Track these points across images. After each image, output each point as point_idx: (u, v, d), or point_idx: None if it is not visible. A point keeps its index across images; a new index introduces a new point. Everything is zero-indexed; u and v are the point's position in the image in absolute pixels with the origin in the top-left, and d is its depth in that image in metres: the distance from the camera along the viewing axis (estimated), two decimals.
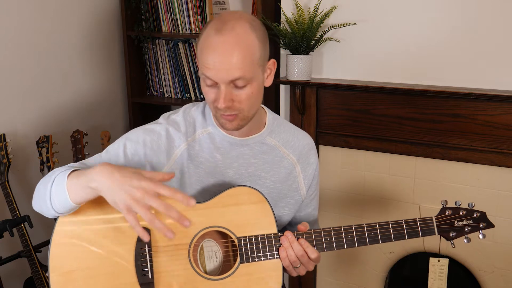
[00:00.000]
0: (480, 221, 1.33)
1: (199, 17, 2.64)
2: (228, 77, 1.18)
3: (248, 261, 1.26)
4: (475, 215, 1.33)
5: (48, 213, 1.23)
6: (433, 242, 2.21)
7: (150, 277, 1.22)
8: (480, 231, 1.33)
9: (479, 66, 2.01)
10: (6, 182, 2.08)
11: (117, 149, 1.31)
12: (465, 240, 1.33)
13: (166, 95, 2.88)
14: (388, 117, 2.16)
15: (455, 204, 1.35)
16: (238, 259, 1.26)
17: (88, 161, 1.33)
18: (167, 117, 1.36)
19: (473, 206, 1.34)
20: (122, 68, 2.89)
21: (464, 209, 1.33)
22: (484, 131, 2.00)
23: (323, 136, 2.32)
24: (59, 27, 2.50)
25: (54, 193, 1.17)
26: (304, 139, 1.45)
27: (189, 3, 2.65)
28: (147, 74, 2.92)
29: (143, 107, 2.93)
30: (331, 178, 2.37)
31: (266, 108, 1.41)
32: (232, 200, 1.28)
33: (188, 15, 2.68)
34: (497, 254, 2.09)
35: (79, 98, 2.66)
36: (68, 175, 1.17)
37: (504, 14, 1.94)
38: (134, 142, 1.31)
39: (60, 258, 1.21)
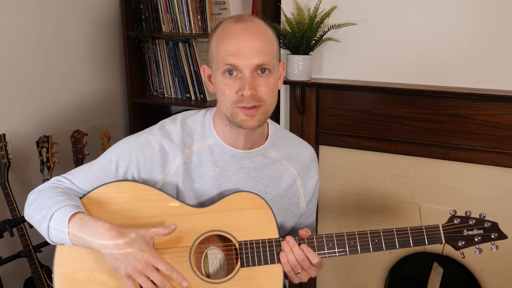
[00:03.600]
0: (491, 231, 1.28)
1: (199, 17, 2.64)
2: (254, 62, 1.16)
3: (248, 265, 1.25)
4: (486, 225, 1.28)
5: (42, 234, 1.23)
6: None
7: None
8: (492, 242, 1.28)
9: (479, 66, 2.01)
10: (6, 182, 2.08)
11: (108, 166, 1.29)
12: (476, 251, 1.29)
13: (166, 95, 2.88)
14: (388, 117, 2.16)
15: (465, 214, 1.29)
16: (239, 263, 1.25)
17: (75, 175, 1.30)
18: (163, 127, 1.32)
19: (484, 216, 1.29)
20: (122, 68, 2.89)
21: (474, 218, 1.28)
22: (484, 131, 2.00)
23: (323, 136, 2.32)
24: (59, 27, 2.50)
25: (53, 231, 1.18)
26: (306, 151, 1.42)
27: (189, 3, 2.65)
28: (147, 74, 2.92)
29: (143, 107, 2.93)
30: (331, 178, 2.37)
31: (268, 119, 1.37)
32: (234, 205, 1.27)
33: (188, 15, 2.67)
34: (497, 254, 2.08)
35: (79, 98, 2.66)
36: (70, 219, 1.16)
37: (504, 14, 1.93)
38: (127, 160, 1.28)
39: (65, 257, 1.23)
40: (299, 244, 1.26)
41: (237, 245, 1.26)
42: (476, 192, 2.08)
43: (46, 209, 1.19)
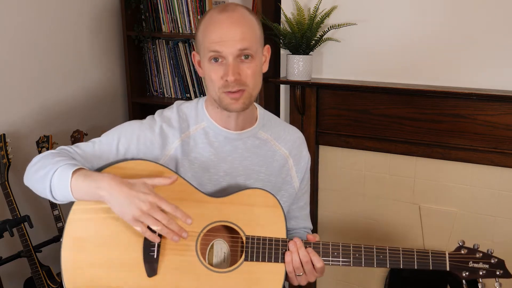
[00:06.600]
0: (497, 267, 1.27)
1: (199, 17, 2.64)
2: (236, 47, 1.24)
3: (252, 260, 1.27)
4: (492, 260, 1.28)
5: (44, 195, 1.28)
6: (434, 242, 2.21)
7: (155, 256, 1.26)
8: (497, 279, 1.26)
9: (479, 66, 2.01)
10: (6, 182, 2.08)
11: (111, 143, 1.36)
12: (479, 285, 1.27)
13: (166, 95, 2.88)
14: (388, 117, 2.16)
15: (473, 246, 1.29)
16: (243, 256, 1.27)
17: (81, 146, 1.37)
18: (161, 114, 1.42)
19: (492, 252, 1.29)
20: (122, 68, 2.89)
21: (481, 252, 1.28)
22: (484, 131, 2.00)
23: (323, 136, 2.32)
24: (59, 27, 2.50)
25: (56, 186, 1.23)
26: (295, 133, 1.50)
27: (189, 3, 2.65)
28: (147, 74, 2.92)
29: (143, 107, 2.93)
30: (331, 178, 2.37)
31: (256, 104, 1.45)
32: (247, 200, 1.31)
33: (188, 15, 2.68)
34: (496, 254, 2.08)
35: (79, 98, 2.66)
36: (73, 173, 1.21)
37: (503, 14, 1.94)
38: (128, 139, 1.36)
39: (76, 224, 1.27)
40: (305, 247, 1.28)
41: (244, 238, 1.28)
42: (476, 192, 2.08)
43: (50, 165, 1.25)
